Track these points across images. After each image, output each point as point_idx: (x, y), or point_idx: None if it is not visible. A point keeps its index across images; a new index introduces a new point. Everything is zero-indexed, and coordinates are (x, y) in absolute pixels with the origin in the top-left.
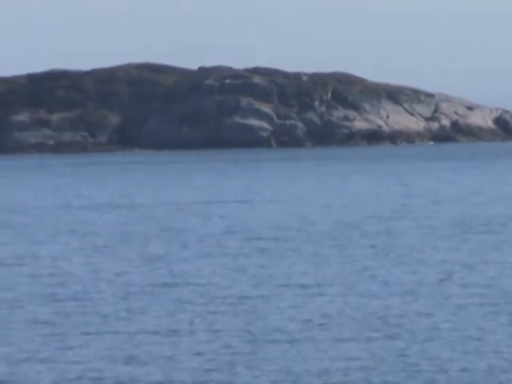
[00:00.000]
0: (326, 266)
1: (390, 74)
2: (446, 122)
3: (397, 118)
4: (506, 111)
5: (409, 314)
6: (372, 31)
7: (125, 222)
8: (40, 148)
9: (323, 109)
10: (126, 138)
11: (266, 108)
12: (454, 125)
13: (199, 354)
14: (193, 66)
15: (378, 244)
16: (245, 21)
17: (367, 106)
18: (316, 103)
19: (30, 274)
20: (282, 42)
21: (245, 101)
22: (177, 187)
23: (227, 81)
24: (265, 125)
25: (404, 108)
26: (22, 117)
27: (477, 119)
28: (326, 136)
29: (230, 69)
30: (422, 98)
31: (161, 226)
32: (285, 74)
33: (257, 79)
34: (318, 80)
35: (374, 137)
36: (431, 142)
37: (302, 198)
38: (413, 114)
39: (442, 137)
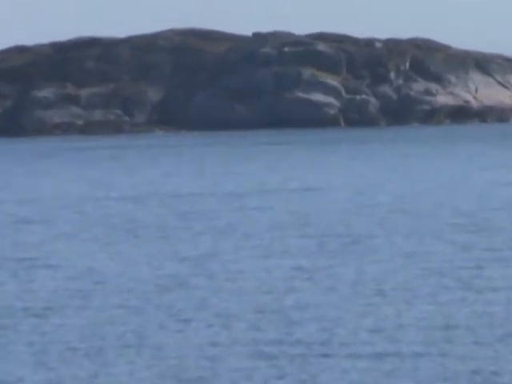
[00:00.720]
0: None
1: (479, 39)
2: None
3: (487, 92)
4: None
5: None
6: None
7: (169, 213)
8: (66, 129)
9: (400, 81)
10: (168, 117)
11: (333, 81)
12: None
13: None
14: (246, 31)
15: (474, 242)
16: None
17: (452, 78)
18: (392, 74)
19: (67, 276)
20: (351, 2)
21: (308, 72)
22: (230, 174)
23: (286, 49)
24: (331, 100)
25: (496, 80)
26: (46, 92)
27: None
28: (404, 113)
29: (289, 34)
30: None
31: (212, 220)
32: (355, 41)
33: (321, 47)
34: (394, 47)
35: (461, 114)
36: None
37: (376, 186)
38: (507, 87)
39: None
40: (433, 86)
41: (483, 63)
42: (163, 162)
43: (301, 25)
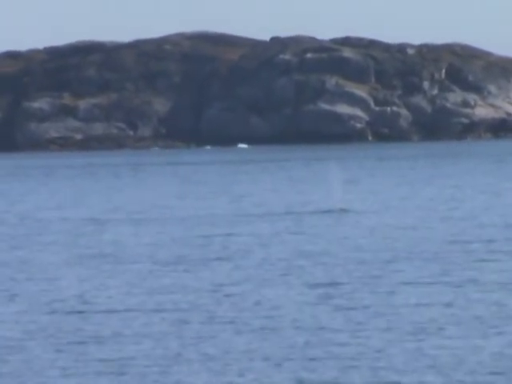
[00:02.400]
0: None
1: None
2: None
3: None
4: None
5: None
6: None
7: (186, 237)
8: (64, 144)
9: (435, 91)
10: (177, 131)
11: (361, 90)
12: None
13: None
14: (264, 35)
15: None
16: None
17: (493, 88)
18: (426, 84)
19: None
20: (380, 4)
21: (332, 81)
22: (244, 195)
23: (309, 55)
24: (359, 113)
25: None
26: (41, 103)
27: None
28: (439, 127)
29: (312, 39)
30: None
31: (232, 245)
32: (385, 46)
33: (348, 53)
34: (429, 53)
35: (502, 128)
36: None
37: (412, 209)
38: None
39: None
40: (471, 97)
41: None
42: (170, 181)
43: (324, 28)
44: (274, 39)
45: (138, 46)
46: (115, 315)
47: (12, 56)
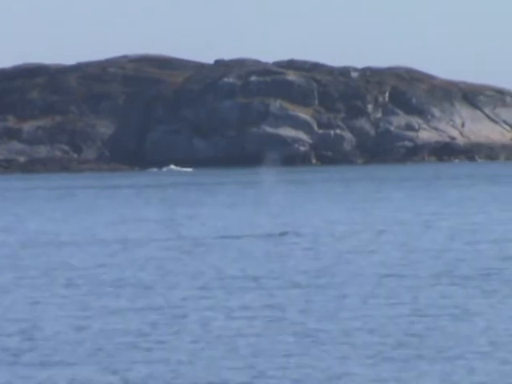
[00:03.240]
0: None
1: (466, 69)
2: None
3: (475, 127)
4: None
5: None
6: (442, 13)
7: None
8: (7, 166)
9: (379, 114)
10: (121, 154)
11: (304, 114)
12: None
13: None
14: (208, 59)
15: None
16: (274, 1)
17: (436, 112)
18: (369, 107)
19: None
20: (324, 28)
21: (276, 104)
22: (183, 219)
23: (253, 78)
24: (302, 136)
25: (485, 113)
26: None
27: None
28: (383, 150)
29: (256, 62)
30: (509, 100)
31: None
32: (328, 69)
33: (292, 76)
34: (372, 77)
35: (446, 151)
36: None
37: (353, 232)
38: (496, 122)
39: None
40: (415, 121)
41: (471, 95)
42: (113, 205)
43: (268, 52)
44: (219, 62)
45: (81, 69)
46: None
47: None
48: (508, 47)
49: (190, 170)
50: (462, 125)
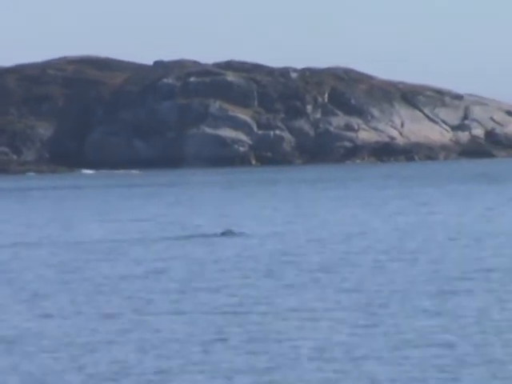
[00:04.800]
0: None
1: (404, 69)
2: (478, 132)
3: (415, 127)
4: None
5: None
6: (380, 13)
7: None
8: None
9: (318, 115)
10: (61, 155)
11: (244, 114)
12: (490, 135)
13: None
14: (147, 60)
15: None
16: (214, 2)
17: (376, 112)
18: (309, 108)
19: None
20: (263, 29)
21: (216, 105)
22: (121, 220)
23: (192, 79)
24: (242, 136)
25: (424, 113)
26: None
27: None
28: (322, 151)
29: (195, 63)
30: (448, 100)
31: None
32: (268, 70)
33: (231, 77)
34: (312, 77)
35: (386, 151)
36: (461, 158)
37: (294, 232)
38: (436, 122)
39: (473, 150)
40: (354, 121)
41: (410, 95)
42: (43, 206)
43: (207, 53)
44: (158, 63)
45: (20, 71)
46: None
47: None
48: (447, 47)
49: (136, 171)
50: (402, 125)
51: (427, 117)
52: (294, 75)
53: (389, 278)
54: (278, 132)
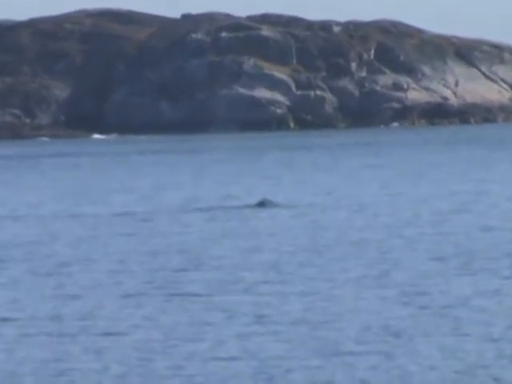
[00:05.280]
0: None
1: (459, 22)
2: None
3: (470, 86)
4: None
5: None
6: None
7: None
8: None
9: (363, 73)
10: (78, 119)
11: (281, 73)
12: None
13: None
14: (174, 13)
15: None
16: None
17: (427, 70)
18: (353, 65)
19: None
20: None
21: (250, 62)
22: (150, 191)
23: (223, 34)
24: (279, 97)
25: (481, 71)
26: None
27: None
28: (368, 113)
29: (227, 16)
30: (507, 56)
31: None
32: (307, 24)
33: (267, 31)
34: (356, 31)
35: (438, 113)
36: None
37: (336, 205)
38: (494, 80)
39: None
40: (403, 80)
41: (465, 51)
42: (58, 175)
43: (240, 5)
44: (186, 17)
45: (34, 25)
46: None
47: None
48: None
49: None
50: (456, 84)
51: (484, 75)
52: (336, 29)
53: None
54: (318, 92)
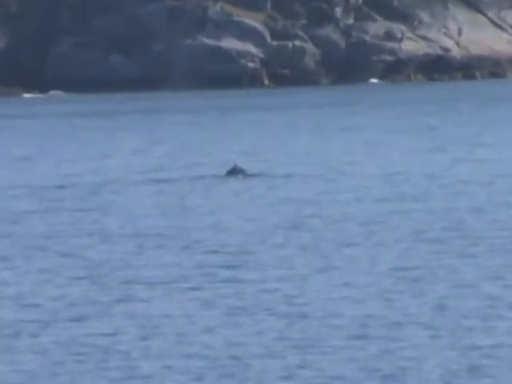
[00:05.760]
0: None
1: None
2: None
3: (476, 36)
4: None
5: None
6: None
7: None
8: None
9: (350, 21)
10: (16, 74)
11: (254, 20)
12: None
13: None
14: None
15: None
16: None
17: (425, 16)
18: (338, 11)
19: None
20: None
21: (216, 8)
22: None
23: None
24: (251, 48)
25: (488, 18)
26: None
27: None
28: (356, 67)
29: None
30: None
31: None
32: None
33: None
34: None
35: (438, 67)
36: None
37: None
38: (503, 29)
39: None
40: (397, 28)
41: None
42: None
43: None
44: None
45: None
46: None
47: None
48: None
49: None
50: (459, 33)
51: (492, 22)
52: None
53: None
54: (297, 43)
